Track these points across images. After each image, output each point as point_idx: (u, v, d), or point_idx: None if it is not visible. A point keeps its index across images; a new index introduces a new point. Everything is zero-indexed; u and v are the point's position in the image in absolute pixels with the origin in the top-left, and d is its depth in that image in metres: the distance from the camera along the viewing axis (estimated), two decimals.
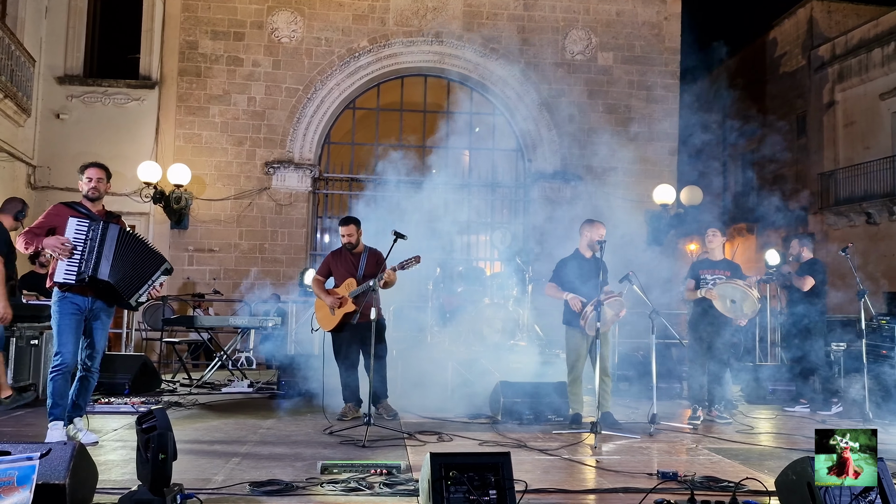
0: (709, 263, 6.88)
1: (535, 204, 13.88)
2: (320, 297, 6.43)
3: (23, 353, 7.03)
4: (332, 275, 6.52)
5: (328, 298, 6.32)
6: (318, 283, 6.54)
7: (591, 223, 6.47)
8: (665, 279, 10.03)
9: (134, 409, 6.34)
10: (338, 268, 6.47)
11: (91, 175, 4.93)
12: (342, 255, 6.51)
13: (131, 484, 3.39)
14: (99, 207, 5.00)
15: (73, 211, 4.88)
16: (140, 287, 4.94)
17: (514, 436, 5.55)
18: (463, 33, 13.75)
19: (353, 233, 6.42)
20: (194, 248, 13.04)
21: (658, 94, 13.99)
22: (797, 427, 6.55)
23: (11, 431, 5.42)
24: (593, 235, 6.31)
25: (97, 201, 4.98)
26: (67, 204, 4.96)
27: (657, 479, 4.13)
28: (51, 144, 12.82)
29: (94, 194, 4.93)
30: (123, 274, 4.86)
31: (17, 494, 2.83)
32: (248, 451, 4.81)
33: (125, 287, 4.89)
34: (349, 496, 3.66)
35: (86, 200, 4.96)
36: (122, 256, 4.85)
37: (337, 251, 6.60)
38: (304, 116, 13.39)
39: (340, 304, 6.24)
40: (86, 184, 4.92)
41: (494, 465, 3.28)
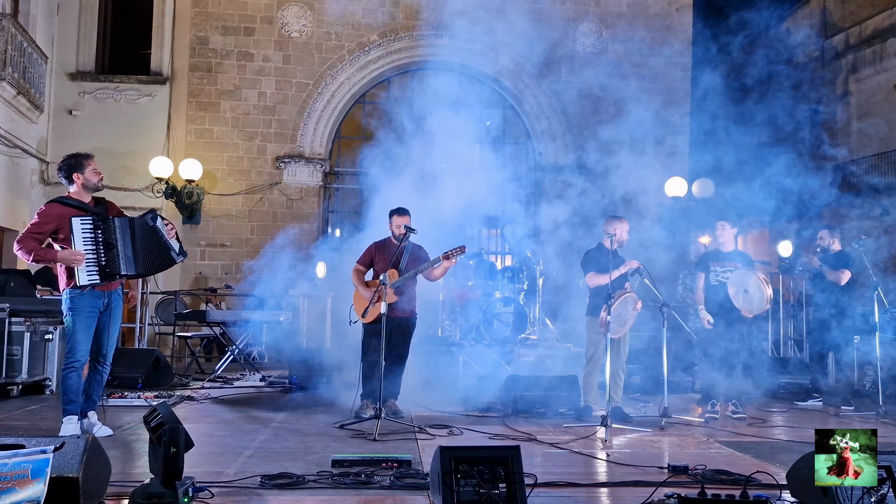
0: (720, 255, 6.78)
1: (546, 197, 13.82)
2: (359, 289, 6.22)
3: (37, 348, 7.10)
4: (374, 265, 6.32)
5: (367, 292, 6.09)
6: (358, 274, 6.30)
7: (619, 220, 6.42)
8: (676, 272, 9.99)
9: (147, 403, 6.39)
10: (381, 259, 6.25)
11: (95, 167, 4.95)
12: (388, 245, 6.31)
13: (144, 477, 3.43)
14: (89, 198, 4.97)
15: (71, 209, 4.81)
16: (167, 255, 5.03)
17: (524, 429, 5.55)
18: (472, 26, 13.70)
19: (409, 223, 6.18)
20: (206, 242, 13.10)
21: (669, 86, 13.90)
22: (809, 421, 6.52)
23: (26, 425, 5.48)
24: (616, 231, 6.25)
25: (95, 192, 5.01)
26: (60, 201, 4.87)
27: (668, 472, 4.12)
28: (63, 140, 12.89)
29: (102, 184, 4.99)
30: (149, 261, 4.97)
31: (32, 487, 2.86)
32: (260, 445, 4.83)
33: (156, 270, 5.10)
34: (360, 490, 3.67)
35: (83, 192, 4.91)
36: (143, 246, 4.90)
37: (382, 242, 6.40)
38: (314, 111, 13.41)
39: (378, 299, 5.85)
40: (94, 176, 4.90)
41: (504, 459, 3.28)
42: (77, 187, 4.89)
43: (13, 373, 6.83)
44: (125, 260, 4.84)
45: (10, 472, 2.84)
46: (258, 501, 3.47)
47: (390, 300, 5.85)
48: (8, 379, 6.79)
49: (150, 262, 5.00)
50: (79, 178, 4.88)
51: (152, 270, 5.21)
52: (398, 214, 6.29)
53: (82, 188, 4.90)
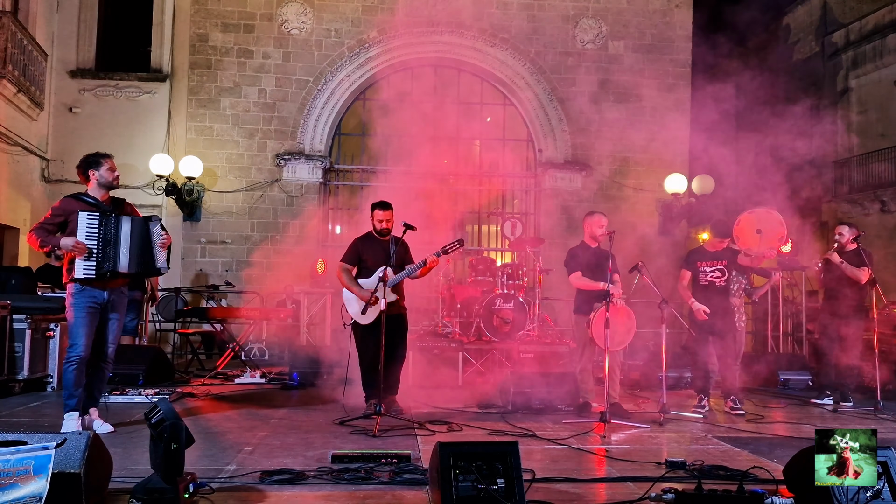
0: (707, 255, 6.75)
1: (546, 194, 13.86)
2: (352, 290, 6.05)
3: (38, 345, 7.13)
4: (362, 262, 6.18)
5: (362, 293, 5.97)
6: (348, 274, 6.13)
7: (591, 215, 6.49)
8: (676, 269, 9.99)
9: (148, 399, 6.42)
10: (368, 254, 6.14)
11: (112, 165, 5.09)
12: (372, 240, 6.22)
13: (145, 473, 3.45)
14: (104, 196, 5.10)
15: (82, 203, 4.97)
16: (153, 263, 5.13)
17: (523, 425, 5.58)
18: (472, 23, 13.71)
19: (391, 217, 6.15)
20: (207, 240, 13.12)
21: (669, 83, 13.89)
22: (806, 417, 6.54)
23: (28, 422, 5.51)
24: (594, 227, 6.32)
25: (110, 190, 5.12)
26: (75, 196, 5.05)
27: (665, 467, 4.15)
28: (64, 138, 12.90)
29: (118, 183, 5.12)
30: (139, 261, 5.02)
31: (34, 483, 2.88)
32: (260, 441, 4.86)
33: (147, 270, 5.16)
34: (359, 485, 3.70)
35: (97, 190, 5.04)
36: (138, 246, 4.96)
37: (364, 237, 6.31)
38: (314, 108, 13.42)
39: (374, 301, 5.83)
40: (109, 174, 5.04)
41: (502, 454, 3.31)
42: (93, 184, 5.05)
43: (15, 370, 6.87)
44: (121, 258, 4.92)
45: (12, 468, 2.87)
46: (258, 497, 3.49)
47: (390, 299, 5.74)
48: (9, 376, 6.83)
49: (143, 264, 5.08)
50: (94, 174, 5.03)
51: (143, 273, 5.32)
52: (381, 209, 6.21)
53: (97, 185, 5.04)
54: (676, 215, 13.36)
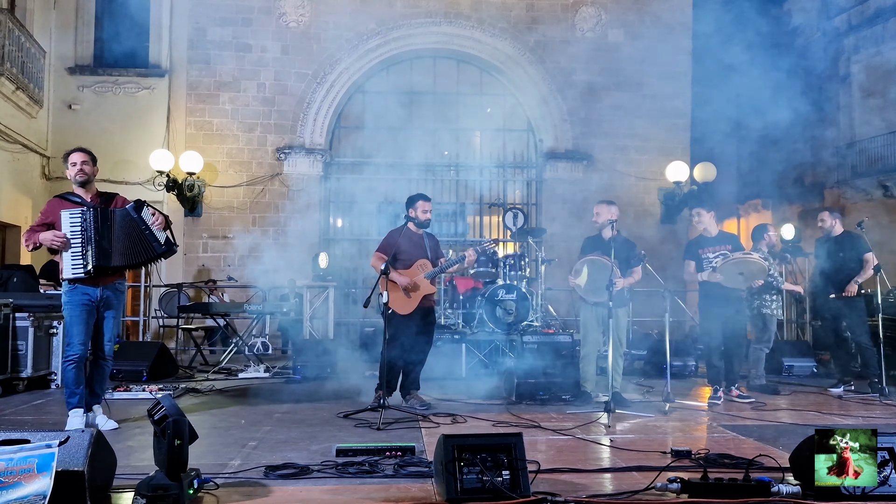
0: (707, 241, 6.64)
1: (547, 184, 13.82)
2: (396, 278, 5.95)
3: (41, 343, 7.12)
4: (397, 253, 6.09)
5: (402, 279, 5.97)
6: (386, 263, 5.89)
7: (600, 204, 6.52)
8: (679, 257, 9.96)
9: (151, 395, 6.41)
10: (405, 247, 6.10)
11: (75, 160, 4.95)
12: (408, 234, 6.14)
13: (149, 469, 3.44)
14: (92, 192, 5.03)
15: (66, 202, 4.93)
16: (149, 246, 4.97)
17: (527, 416, 5.57)
18: (471, 13, 13.64)
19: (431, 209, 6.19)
20: (208, 235, 13.12)
21: (670, 71, 13.81)
22: (812, 404, 6.53)
23: (31, 420, 5.51)
24: (602, 216, 6.33)
25: (88, 186, 5.00)
26: (61, 196, 5.02)
27: (671, 456, 4.13)
28: (63, 135, 12.88)
29: (82, 177, 4.95)
30: (129, 252, 4.91)
31: (38, 481, 2.88)
32: (264, 436, 4.86)
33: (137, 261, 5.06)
34: (364, 478, 3.69)
35: (78, 188, 5.00)
36: (125, 237, 4.89)
37: (399, 230, 6.23)
38: (313, 101, 13.38)
39: (416, 287, 5.89)
40: (71, 169, 4.96)
41: (507, 446, 3.29)
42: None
43: (18, 367, 6.87)
44: (101, 251, 4.82)
45: (16, 466, 2.86)
46: (263, 492, 3.48)
47: (430, 291, 6.03)
48: (13, 374, 6.83)
49: (132, 254, 4.92)
50: (67, 173, 5.02)
51: (134, 263, 5.10)
52: (425, 200, 6.20)
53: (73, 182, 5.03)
54: (678, 203, 13.33)
